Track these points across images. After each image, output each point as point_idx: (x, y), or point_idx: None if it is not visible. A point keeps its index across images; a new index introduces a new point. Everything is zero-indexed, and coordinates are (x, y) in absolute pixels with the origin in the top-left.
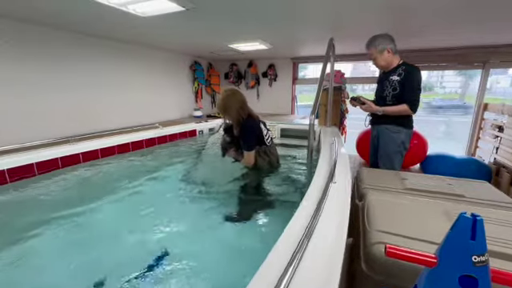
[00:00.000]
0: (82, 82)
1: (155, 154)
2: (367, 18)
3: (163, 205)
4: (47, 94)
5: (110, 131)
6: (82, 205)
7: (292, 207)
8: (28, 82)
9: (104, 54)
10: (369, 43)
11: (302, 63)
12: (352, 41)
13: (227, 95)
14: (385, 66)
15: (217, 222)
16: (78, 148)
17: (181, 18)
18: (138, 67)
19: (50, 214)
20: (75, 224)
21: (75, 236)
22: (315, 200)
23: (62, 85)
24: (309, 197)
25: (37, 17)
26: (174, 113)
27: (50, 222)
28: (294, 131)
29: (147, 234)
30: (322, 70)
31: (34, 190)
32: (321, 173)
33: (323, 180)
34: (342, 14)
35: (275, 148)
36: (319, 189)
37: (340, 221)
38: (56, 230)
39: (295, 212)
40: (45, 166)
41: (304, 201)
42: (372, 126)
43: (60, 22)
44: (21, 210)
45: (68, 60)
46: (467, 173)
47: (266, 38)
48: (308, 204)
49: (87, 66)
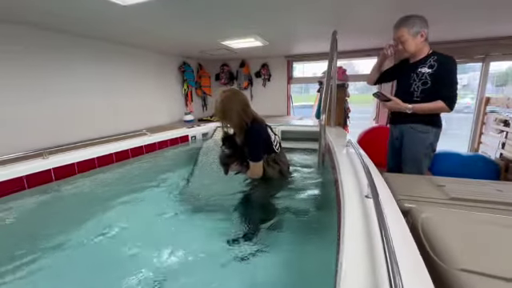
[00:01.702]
0: (55, 86)
1: (143, 165)
2: (370, 9)
3: (153, 228)
4: (16, 99)
5: (88, 141)
6: (48, 234)
7: (309, 224)
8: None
9: (81, 54)
10: (400, 22)
11: (296, 61)
12: (349, 36)
13: (226, 96)
14: (413, 53)
15: (219, 244)
16: (50, 162)
17: (166, 7)
18: (123, 69)
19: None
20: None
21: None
22: (368, 225)
23: (30, 90)
24: (354, 220)
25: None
26: (163, 118)
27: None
28: (296, 133)
29: (135, 266)
30: (328, 67)
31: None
32: (350, 185)
33: (358, 195)
34: (346, 4)
35: (285, 155)
36: (360, 206)
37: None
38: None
39: (341, 243)
40: (8, 187)
41: (348, 227)
42: (392, 125)
43: (23, 14)
44: None
45: (32, 60)
46: (475, 170)
47: (263, 33)
48: (358, 228)
49: (63, 68)
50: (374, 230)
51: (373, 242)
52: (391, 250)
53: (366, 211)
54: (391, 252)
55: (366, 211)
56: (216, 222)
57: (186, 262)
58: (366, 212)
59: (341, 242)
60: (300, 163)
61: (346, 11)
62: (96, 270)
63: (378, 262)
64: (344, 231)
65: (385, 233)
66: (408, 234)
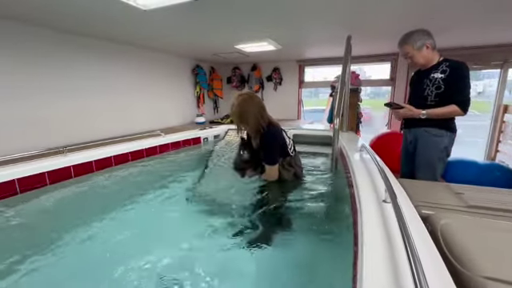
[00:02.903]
0: (75, 86)
1: (156, 165)
2: (385, 14)
3: (165, 226)
4: (33, 101)
5: (105, 140)
6: (69, 228)
7: (322, 227)
8: (16, 85)
9: (100, 56)
10: (402, 41)
11: (308, 66)
12: (362, 41)
13: (243, 99)
14: (424, 64)
15: (231, 245)
16: (70, 160)
17: (186, 12)
18: (138, 71)
19: (34, 238)
20: (64, 249)
21: (64, 264)
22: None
23: (50, 91)
24: (371, 224)
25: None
26: (176, 119)
27: (31, 251)
28: (308, 137)
29: (147, 264)
30: (342, 71)
31: (18, 211)
32: (367, 190)
33: (375, 200)
34: (360, 9)
35: (299, 158)
36: (378, 211)
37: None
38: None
39: (361, 253)
40: (29, 182)
41: (366, 233)
42: (406, 129)
43: (50, 18)
44: None
45: (53, 62)
46: (491, 179)
47: (276, 37)
48: (376, 232)
49: (80, 69)
50: (394, 235)
51: (394, 248)
52: (415, 256)
53: (384, 216)
54: (415, 258)
55: (384, 216)
56: (228, 222)
57: (198, 261)
58: (385, 217)
59: (359, 246)
60: (312, 167)
61: (360, 16)
62: (107, 265)
63: (400, 267)
64: (362, 235)
65: (407, 238)
66: (429, 240)
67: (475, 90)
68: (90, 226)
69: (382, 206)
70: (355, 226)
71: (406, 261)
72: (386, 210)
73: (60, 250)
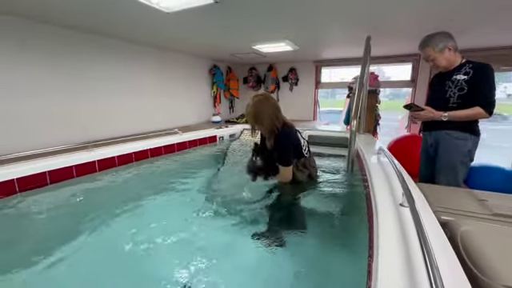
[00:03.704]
0: (99, 86)
1: (174, 162)
2: (406, 15)
3: (180, 222)
4: (61, 99)
5: (125, 137)
6: (89, 220)
7: (336, 229)
8: (43, 85)
9: (121, 57)
10: (423, 44)
11: (324, 67)
12: (382, 42)
13: (259, 100)
14: (446, 66)
15: (244, 243)
16: (94, 155)
17: (207, 14)
18: (157, 71)
19: (57, 231)
20: (82, 244)
21: (81, 259)
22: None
23: (76, 90)
24: (388, 228)
25: (53, 16)
26: (192, 118)
27: (51, 245)
28: (323, 138)
29: (163, 258)
30: (361, 72)
31: (41, 203)
32: (383, 193)
33: (392, 203)
34: (380, 10)
35: (314, 159)
36: (394, 215)
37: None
38: (57, 255)
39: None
40: (58, 175)
41: (382, 235)
42: (426, 132)
43: (82, 22)
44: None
45: (80, 63)
46: None
47: (294, 38)
48: (392, 235)
49: (102, 69)
50: (411, 240)
51: (411, 252)
52: (433, 261)
53: (401, 220)
54: (433, 263)
55: (401, 220)
56: (241, 221)
57: (210, 258)
58: (402, 221)
59: (374, 249)
60: (327, 168)
61: (380, 17)
62: (123, 259)
63: (417, 272)
64: (378, 239)
65: (424, 243)
66: (448, 245)
67: (504, 92)
68: (112, 218)
69: (399, 210)
70: (371, 229)
71: (422, 266)
72: (403, 213)
73: (83, 239)
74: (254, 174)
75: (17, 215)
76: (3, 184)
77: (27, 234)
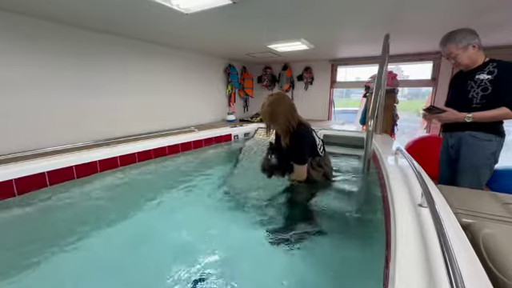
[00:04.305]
0: (119, 86)
1: (191, 159)
2: (428, 11)
3: (196, 218)
4: (85, 98)
5: (144, 134)
6: (114, 213)
7: (350, 228)
8: (69, 85)
9: (141, 57)
10: (446, 40)
11: (340, 65)
12: (401, 39)
13: (274, 99)
14: (468, 65)
15: (257, 241)
16: (116, 151)
17: (224, 14)
18: (174, 71)
19: (85, 220)
20: (103, 234)
21: (103, 248)
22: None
23: (98, 89)
24: (406, 231)
25: (80, 19)
26: (208, 117)
27: (79, 233)
28: (339, 138)
29: (178, 250)
30: (379, 71)
31: (69, 196)
32: (401, 194)
33: (411, 204)
34: (400, 6)
35: (329, 158)
36: (413, 216)
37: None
38: (83, 243)
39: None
40: (84, 170)
41: (401, 237)
42: (447, 133)
43: (104, 25)
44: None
45: (101, 63)
46: None
47: (311, 36)
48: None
49: (122, 69)
50: (431, 240)
51: (430, 253)
52: (454, 263)
53: (420, 221)
54: (454, 265)
55: (420, 221)
56: (255, 218)
57: (224, 253)
58: (421, 221)
59: (391, 249)
60: (342, 168)
61: (400, 14)
62: (141, 249)
63: (437, 273)
64: (395, 239)
65: (445, 244)
66: (469, 247)
67: None
68: (132, 211)
69: (418, 210)
70: (387, 228)
71: (443, 267)
72: (422, 214)
73: (104, 229)
74: (269, 172)
75: (48, 207)
76: (35, 177)
77: (56, 223)
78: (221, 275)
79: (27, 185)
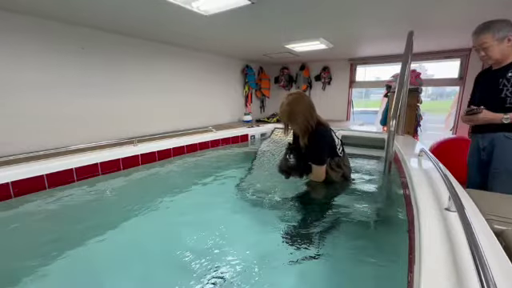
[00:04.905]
0: (139, 86)
1: (208, 158)
2: (456, 6)
3: (211, 217)
4: (110, 98)
5: (164, 134)
6: (132, 210)
7: (370, 232)
8: (91, 86)
9: (161, 58)
10: (481, 29)
11: (360, 65)
12: (426, 37)
13: (293, 99)
14: (498, 60)
15: (273, 241)
16: (139, 149)
17: (242, 15)
18: (192, 71)
19: (104, 217)
20: (124, 231)
21: (120, 246)
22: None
23: (122, 90)
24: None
25: (101, 22)
26: (225, 117)
27: (99, 230)
28: (358, 139)
29: (197, 246)
30: (402, 70)
31: (91, 192)
32: (426, 197)
33: (437, 207)
34: (426, 1)
35: (348, 159)
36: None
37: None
38: (99, 239)
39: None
40: (108, 167)
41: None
42: (478, 134)
43: (131, 30)
44: (69, 216)
45: (125, 65)
46: None
47: (329, 35)
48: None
49: (143, 70)
50: (459, 246)
51: (458, 259)
52: (486, 271)
53: (447, 225)
54: (486, 273)
55: (447, 225)
56: (272, 219)
57: (240, 254)
58: (448, 226)
59: (415, 254)
60: (362, 169)
61: (425, 9)
62: (159, 243)
63: (467, 281)
64: (420, 243)
65: (476, 251)
66: (503, 255)
67: None
68: (151, 208)
69: (445, 215)
70: (411, 233)
71: (472, 273)
72: (449, 218)
73: (126, 222)
74: (287, 173)
75: (77, 200)
76: (64, 173)
77: (84, 214)
78: (235, 275)
79: (57, 180)
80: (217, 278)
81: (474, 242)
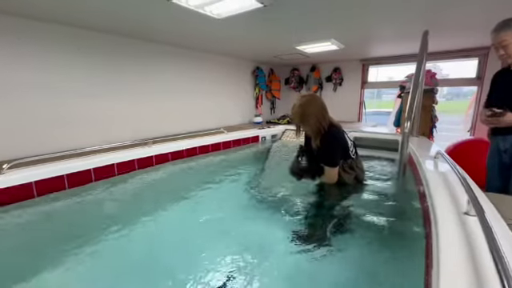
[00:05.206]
0: (153, 89)
1: (220, 159)
2: (474, 2)
3: (226, 215)
4: (124, 100)
5: (177, 135)
6: (146, 209)
7: (384, 235)
8: (112, 91)
9: (174, 61)
10: (502, 26)
11: (372, 65)
12: (442, 35)
13: (306, 101)
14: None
15: (285, 242)
16: (152, 150)
17: (254, 17)
18: (203, 73)
19: (122, 215)
20: (138, 230)
21: (136, 243)
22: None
23: (138, 94)
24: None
25: (118, 27)
26: (235, 118)
27: (117, 224)
28: (370, 141)
29: (206, 246)
30: (416, 70)
31: (109, 192)
32: (444, 200)
33: (455, 211)
34: (439, 3)
35: (361, 161)
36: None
37: None
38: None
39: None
40: (124, 167)
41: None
42: (498, 136)
43: (146, 34)
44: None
45: (142, 69)
46: None
47: (341, 36)
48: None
49: (155, 73)
50: (479, 252)
51: (479, 265)
52: (510, 279)
53: (466, 230)
54: (510, 281)
55: (466, 230)
56: (284, 220)
57: (252, 253)
58: (467, 231)
59: (433, 259)
60: (375, 172)
61: (441, 8)
62: (167, 251)
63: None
64: (438, 248)
65: (498, 257)
66: None
67: None
68: (165, 207)
69: (463, 219)
70: (428, 237)
71: (495, 279)
72: (468, 223)
73: (140, 221)
74: (299, 175)
75: (95, 200)
76: (83, 173)
77: (105, 212)
78: (247, 275)
79: (76, 180)
80: (228, 277)
81: (495, 247)
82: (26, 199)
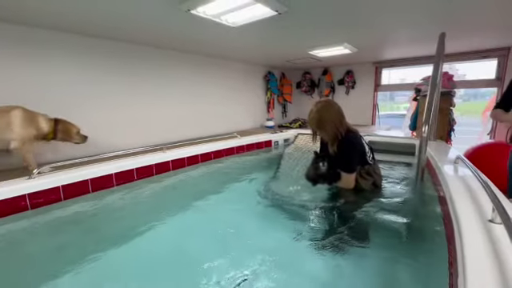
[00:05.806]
0: (169, 97)
1: (233, 164)
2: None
3: (241, 219)
4: (143, 107)
5: (193, 140)
6: (165, 211)
7: (402, 242)
8: (128, 97)
9: (188, 68)
10: None
11: (385, 68)
12: (458, 37)
13: (323, 106)
14: None
15: (300, 248)
16: (169, 156)
17: (269, 25)
18: (217, 79)
19: (141, 219)
20: (152, 234)
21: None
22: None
23: (153, 100)
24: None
25: (137, 37)
26: (247, 123)
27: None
28: (385, 145)
29: (219, 248)
30: (433, 72)
31: (130, 196)
32: (466, 207)
33: (478, 219)
34: (456, 4)
35: (378, 166)
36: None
37: None
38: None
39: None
40: (142, 172)
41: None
42: None
43: (164, 42)
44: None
45: (159, 75)
46: None
47: (354, 40)
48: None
49: (171, 79)
50: (508, 262)
51: (508, 275)
52: None
53: (492, 238)
54: None
55: (492, 238)
56: (298, 226)
57: (264, 261)
58: (493, 239)
59: (459, 268)
60: (392, 177)
61: (458, 9)
62: (179, 256)
63: None
64: (464, 257)
65: None
66: None
67: None
68: (179, 211)
69: (489, 227)
70: (450, 246)
71: None
72: (493, 231)
73: (158, 224)
74: (315, 180)
75: (116, 203)
76: (104, 178)
77: (126, 213)
78: (260, 280)
79: (98, 184)
80: (242, 281)
81: None
82: (55, 202)
